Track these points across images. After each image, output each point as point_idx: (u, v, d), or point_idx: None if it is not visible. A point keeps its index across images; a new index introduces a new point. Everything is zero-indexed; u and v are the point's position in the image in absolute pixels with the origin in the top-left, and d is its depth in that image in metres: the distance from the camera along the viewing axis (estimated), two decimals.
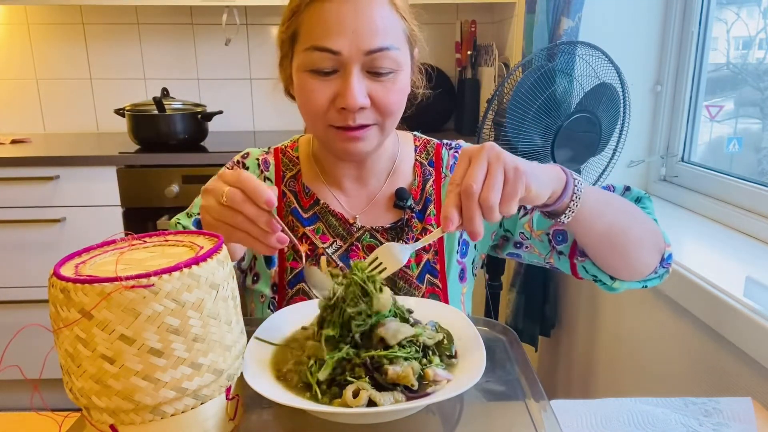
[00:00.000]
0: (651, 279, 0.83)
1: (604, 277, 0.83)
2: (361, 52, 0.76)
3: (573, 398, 0.75)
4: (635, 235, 0.78)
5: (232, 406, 0.57)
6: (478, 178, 0.61)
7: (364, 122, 0.80)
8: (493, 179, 0.61)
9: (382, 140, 0.85)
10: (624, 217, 0.78)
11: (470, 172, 0.61)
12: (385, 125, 0.82)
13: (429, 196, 0.92)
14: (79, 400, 0.51)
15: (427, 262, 0.90)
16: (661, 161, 1.65)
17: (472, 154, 0.63)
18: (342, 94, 0.77)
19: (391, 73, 0.79)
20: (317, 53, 0.77)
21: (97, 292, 0.46)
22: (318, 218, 0.91)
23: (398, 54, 0.79)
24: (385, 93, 0.79)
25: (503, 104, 1.47)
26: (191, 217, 0.93)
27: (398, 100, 0.81)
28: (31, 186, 1.98)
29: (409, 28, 0.83)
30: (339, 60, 0.77)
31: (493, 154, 0.62)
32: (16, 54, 2.49)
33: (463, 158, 0.64)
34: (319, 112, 0.80)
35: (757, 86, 1.50)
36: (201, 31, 2.51)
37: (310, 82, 0.79)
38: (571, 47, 1.45)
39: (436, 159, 0.95)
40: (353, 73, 0.77)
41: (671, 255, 0.83)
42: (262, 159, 0.95)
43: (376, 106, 0.80)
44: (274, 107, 2.60)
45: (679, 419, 0.69)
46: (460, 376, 0.60)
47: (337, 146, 0.83)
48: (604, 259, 0.80)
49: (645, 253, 0.80)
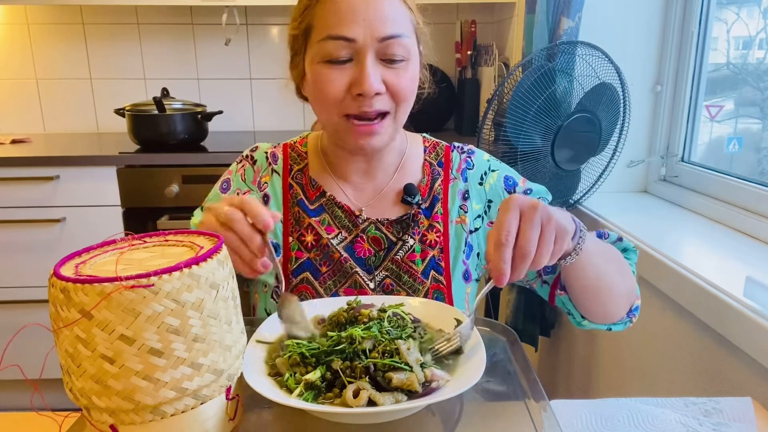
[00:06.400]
0: (616, 324, 0.89)
1: (576, 314, 0.88)
2: (375, 38, 0.79)
3: (573, 398, 0.75)
4: (617, 289, 0.84)
5: (232, 406, 0.57)
6: (534, 240, 0.64)
7: (380, 108, 0.82)
8: (546, 243, 0.64)
9: (395, 132, 0.87)
10: (612, 271, 0.83)
11: (528, 234, 0.63)
12: (398, 114, 0.84)
13: (437, 194, 0.93)
14: (79, 400, 0.51)
15: (432, 259, 0.90)
16: (661, 161, 1.65)
17: (525, 211, 0.64)
18: (358, 80, 0.79)
19: (403, 61, 0.82)
20: (332, 42, 0.79)
21: (97, 292, 0.46)
22: (324, 209, 0.92)
23: (408, 42, 0.82)
24: (398, 79, 0.81)
25: (503, 104, 1.47)
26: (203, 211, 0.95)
27: (411, 87, 0.84)
28: (31, 186, 1.98)
29: (417, 22, 0.85)
30: (354, 48, 0.79)
31: (546, 216, 0.64)
32: (16, 54, 2.49)
33: (512, 211, 0.64)
34: (336, 101, 0.82)
35: (757, 86, 1.50)
36: (201, 31, 2.51)
37: (326, 72, 0.81)
38: (571, 47, 1.45)
39: (446, 160, 0.96)
40: (368, 60, 0.79)
41: (638, 307, 0.90)
42: (271, 153, 0.97)
43: (390, 91, 0.82)
44: (274, 107, 2.60)
45: (679, 419, 0.69)
46: (460, 376, 0.60)
47: (351, 139, 0.85)
48: (582, 302, 0.85)
49: (620, 305, 0.86)
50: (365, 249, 0.90)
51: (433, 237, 0.91)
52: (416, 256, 0.90)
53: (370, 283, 0.89)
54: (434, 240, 0.91)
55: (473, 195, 0.94)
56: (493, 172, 0.95)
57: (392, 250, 0.90)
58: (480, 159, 0.96)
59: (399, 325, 0.65)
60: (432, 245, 0.91)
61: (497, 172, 0.95)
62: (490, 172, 0.95)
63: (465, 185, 0.94)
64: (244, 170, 0.96)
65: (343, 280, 0.89)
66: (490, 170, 0.95)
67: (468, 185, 0.94)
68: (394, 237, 0.91)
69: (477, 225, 0.94)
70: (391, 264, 0.90)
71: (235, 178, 0.96)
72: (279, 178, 0.94)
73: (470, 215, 0.93)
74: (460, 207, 0.93)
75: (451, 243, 0.92)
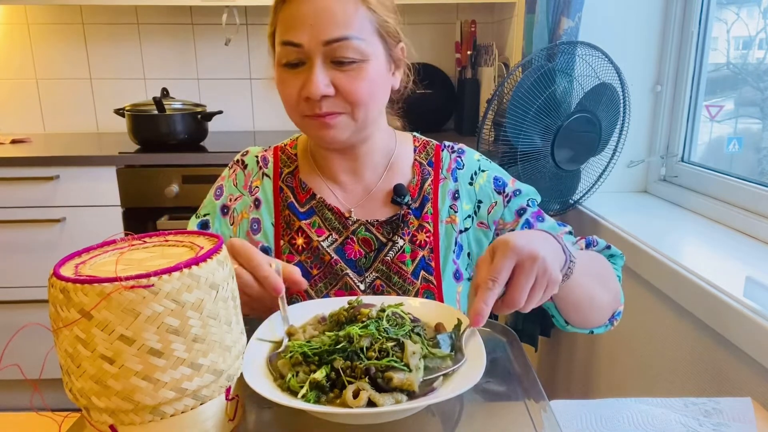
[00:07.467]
0: (598, 328, 0.90)
1: (560, 319, 0.89)
2: (320, 42, 0.79)
3: (573, 398, 0.75)
4: (599, 302, 0.85)
5: (232, 407, 0.56)
6: (525, 292, 0.64)
7: (330, 110, 0.82)
8: (535, 295, 0.65)
9: (358, 130, 0.86)
10: (596, 287, 0.83)
11: (521, 285, 0.64)
12: (356, 114, 0.84)
13: (427, 194, 0.93)
14: (79, 400, 0.51)
15: (422, 259, 0.90)
16: (661, 161, 1.65)
17: (524, 261, 0.64)
18: (305, 84, 0.81)
19: (355, 63, 0.81)
20: (285, 47, 0.82)
21: (96, 292, 0.46)
22: (314, 212, 0.92)
23: (362, 44, 0.81)
24: (349, 82, 0.81)
25: (503, 104, 1.47)
26: (198, 218, 0.96)
27: (365, 90, 0.82)
28: (31, 186, 1.98)
29: (381, 21, 0.84)
30: (303, 52, 0.81)
31: (542, 269, 0.64)
32: (16, 54, 2.49)
33: (509, 259, 0.64)
34: (292, 103, 0.84)
35: (757, 86, 1.50)
36: (201, 31, 2.51)
37: (283, 75, 0.84)
38: (571, 47, 1.45)
39: (436, 160, 0.96)
40: (316, 64, 0.80)
41: (620, 312, 0.91)
42: (261, 156, 0.97)
43: (341, 95, 0.82)
44: (274, 107, 2.59)
45: (679, 419, 0.69)
46: (460, 377, 0.59)
47: (312, 134, 0.87)
48: (565, 313, 0.86)
49: (602, 315, 0.88)
50: (355, 250, 0.91)
51: (423, 237, 0.91)
52: (406, 256, 0.90)
53: (360, 285, 0.89)
54: (424, 240, 0.91)
55: (463, 195, 0.94)
56: (483, 173, 0.95)
57: (382, 251, 0.90)
58: (470, 159, 0.96)
59: (398, 324, 0.65)
60: (422, 245, 0.90)
61: (487, 172, 0.95)
62: (480, 172, 0.95)
63: (455, 185, 0.94)
64: (236, 175, 0.96)
65: (334, 282, 0.89)
66: (480, 170, 0.95)
67: (458, 185, 0.94)
68: (384, 238, 0.91)
69: (467, 225, 0.94)
70: (381, 265, 0.90)
71: (227, 184, 0.96)
72: (270, 182, 0.95)
73: (460, 215, 0.93)
74: (450, 207, 0.93)
75: (441, 243, 0.92)
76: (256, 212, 0.93)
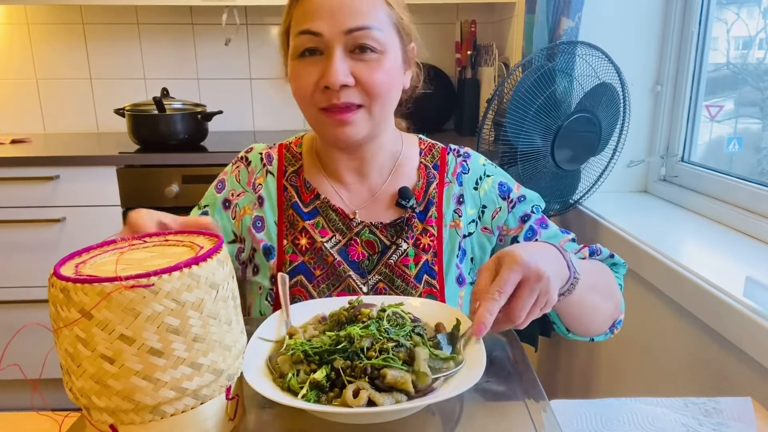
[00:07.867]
0: (598, 336, 0.91)
1: (562, 327, 0.90)
2: (341, 31, 0.79)
3: (573, 398, 0.75)
4: (601, 313, 0.86)
5: (232, 406, 0.56)
6: (526, 309, 0.64)
7: (349, 101, 0.81)
8: (534, 313, 0.66)
9: (373, 127, 0.85)
10: (598, 299, 0.84)
11: (524, 301, 0.64)
12: (373, 108, 0.83)
13: (432, 198, 0.92)
14: (79, 400, 0.51)
15: (425, 263, 0.90)
16: (661, 161, 1.65)
17: (529, 278, 0.64)
18: (324, 73, 0.80)
19: (375, 53, 0.81)
20: (302, 37, 0.81)
21: (97, 292, 0.46)
22: (318, 212, 0.92)
23: (381, 35, 0.81)
24: (369, 72, 0.81)
25: (503, 104, 1.47)
26: (200, 210, 0.96)
27: (384, 81, 0.82)
28: (31, 186, 1.98)
29: (398, 17, 0.84)
30: (322, 41, 0.80)
31: (545, 289, 0.64)
32: (16, 54, 2.49)
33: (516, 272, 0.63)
34: (307, 95, 0.83)
35: (757, 86, 1.50)
36: (201, 31, 2.51)
37: (298, 67, 0.83)
38: (571, 47, 1.45)
39: (441, 163, 0.95)
40: (335, 53, 0.79)
41: (621, 321, 0.91)
42: (266, 153, 0.97)
43: (361, 85, 0.81)
44: (274, 107, 2.60)
45: (679, 419, 0.69)
46: (460, 376, 0.59)
47: (328, 132, 0.85)
48: (569, 322, 0.87)
49: (604, 325, 0.89)
50: (359, 252, 0.90)
51: (427, 241, 0.90)
52: (409, 260, 0.89)
53: (363, 287, 0.89)
54: (428, 244, 0.90)
55: (468, 199, 0.93)
56: (488, 178, 0.95)
57: (386, 254, 0.90)
58: (476, 163, 0.96)
59: (398, 324, 0.65)
60: (425, 249, 0.90)
61: (492, 177, 0.95)
62: (485, 177, 0.95)
63: (460, 189, 0.93)
64: (239, 171, 0.96)
65: (337, 283, 0.89)
66: (485, 175, 0.95)
67: (463, 189, 0.94)
68: (387, 241, 0.91)
69: (471, 230, 0.93)
70: (384, 268, 0.89)
71: (229, 179, 0.96)
72: (273, 180, 0.95)
73: (464, 220, 0.93)
74: (455, 211, 0.92)
75: (445, 247, 0.91)
76: (260, 210, 0.93)
